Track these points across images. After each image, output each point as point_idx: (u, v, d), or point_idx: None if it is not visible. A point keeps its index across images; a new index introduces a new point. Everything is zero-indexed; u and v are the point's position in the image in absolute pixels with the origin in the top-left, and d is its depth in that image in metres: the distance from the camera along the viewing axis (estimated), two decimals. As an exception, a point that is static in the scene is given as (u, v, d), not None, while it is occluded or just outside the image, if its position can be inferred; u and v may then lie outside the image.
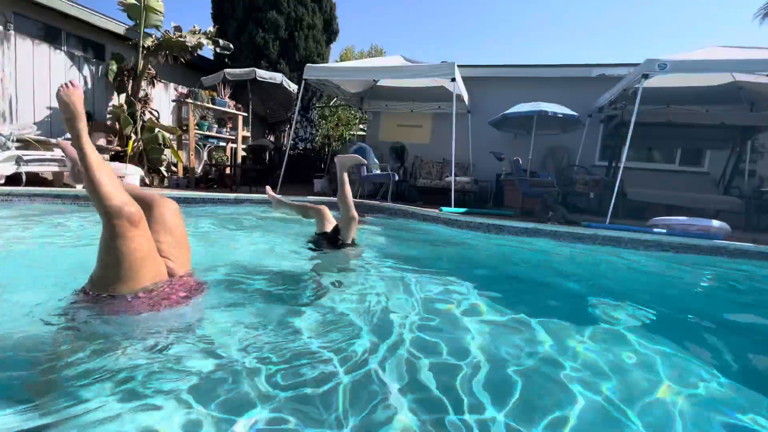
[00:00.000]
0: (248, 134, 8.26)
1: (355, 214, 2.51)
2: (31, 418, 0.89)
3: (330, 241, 2.61)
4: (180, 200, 4.83)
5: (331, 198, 5.35)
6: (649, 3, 62.42)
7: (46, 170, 5.05)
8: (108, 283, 1.27)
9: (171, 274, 1.44)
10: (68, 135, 1.38)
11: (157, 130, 6.40)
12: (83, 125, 1.34)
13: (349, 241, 2.65)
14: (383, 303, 1.85)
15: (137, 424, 0.91)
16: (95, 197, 1.23)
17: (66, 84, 1.34)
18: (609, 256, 3.64)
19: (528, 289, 2.55)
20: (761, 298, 2.75)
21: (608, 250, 3.76)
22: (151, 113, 6.66)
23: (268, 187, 3.06)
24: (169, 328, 1.32)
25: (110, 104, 6.95)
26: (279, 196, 2.99)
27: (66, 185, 5.08)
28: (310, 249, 2.69)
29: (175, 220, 1.57)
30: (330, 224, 2.68)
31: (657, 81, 5.96)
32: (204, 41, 6.76)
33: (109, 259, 1.25)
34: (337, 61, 15.06)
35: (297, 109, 7.06)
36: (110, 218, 1.21)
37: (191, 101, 6.62)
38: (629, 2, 63.11)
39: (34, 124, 6.01)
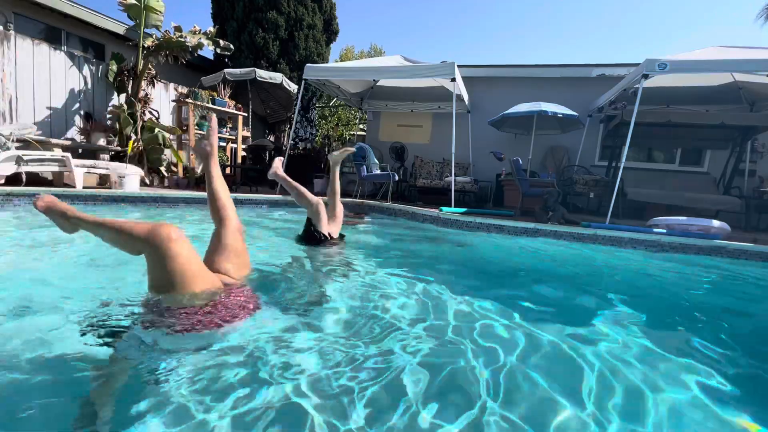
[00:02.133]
0: (248, 134, 8.26)
1: (341, 206, 2.60)
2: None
3: (317, 238, 2.63)
4: (180, 200, 4.86)
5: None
6: (649, 3, 62.39)
7: (46, 170, 5.04)
8: (167, 297, 1.29)
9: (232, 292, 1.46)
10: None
11: (157, 130, 6.39)
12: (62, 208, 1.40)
13: (336, 236, 2.66)
14: (382, 303, 1.85)
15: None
16: (123, 240, 1.25)
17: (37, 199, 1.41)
18: (608, 255, 3.64)
19: (527, 289, 2.55)
20: (760, 298, 2.75)
21: (608, 249, 3.77)
22: (151, 113, 6.66)
23: (277, 161, 2.93)
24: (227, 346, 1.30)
25: (110, 104, 6.95)
26: (285, 175, 2.91)
27: (66, 185, 5.08)
28: (305, 242, 2.72)
29: (240, 241, 1.65)
30: (323, 220, 2.69)
31: (657, 81, 5.96)
32: (204, 41, 6.76)
33: (162, 279, 1.25)
34: (337, 61, 15.06)
35: (297, 109, 7.06)
36: (148, 244, 1.20)
37: (191, 101, 6.62)
38: (629, 2, 63.08)
39: (34, 124, 6.00)
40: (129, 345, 1.24)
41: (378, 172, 6.78)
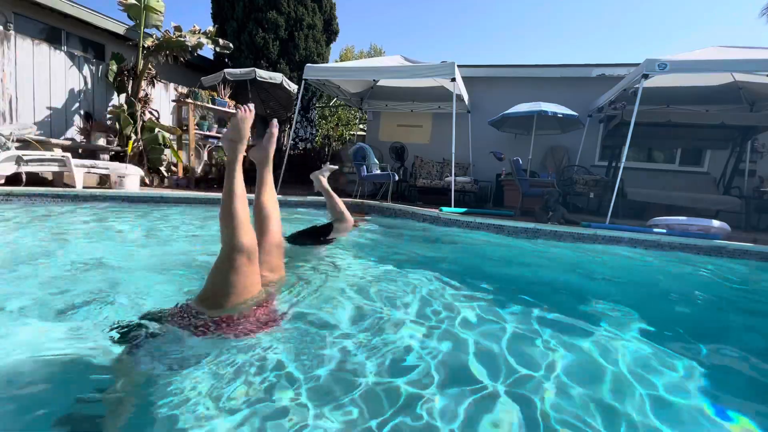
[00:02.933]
0: (248, 134, 8.25)
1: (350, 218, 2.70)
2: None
3: (318, 241, 2.66)
4: (180, 200, 4.86)
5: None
6: (649, 3, 62.37)
7: (46, 170, 5.04)
8: (214, 305, 1.28)
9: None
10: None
11: (157, 130, 6.40)
12: (243, 151, 1.37)
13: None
14: (381, 303, 1.85)
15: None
16: (227, 226, 1.24)
17: (246, 107, 1.38)
18: (608, 255, 3.64)
19: (527, 289, 2.55)
20: (761, 298, 2.75)
21: (607, 249, 3.77)
22: (151, 113, 6.66)
23: (327, 170, 2.97)
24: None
25: (110, 104, 6.95)
26: (328, 187, 2.95)
27: (66, 185, 5.08)
28: (307, 240, 2.73)
29: (279, 257, 1.61)
30: (341, 235, 2.77)
31: (657, 81, 5.96)
32: (204, 41, 6.76)
33: (222, 287, 1.26)
34: (337, 61, 15.06)
35: (297, 109, 7.06)
36: (232, 251, 1.22)
37: (191, 101, 6.62)
38: (629, 2, 63.06)
39: (34, 124, 6.00)
40: (152, 345, 1.23)
41: (378, 172, 6.78)
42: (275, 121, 1.73)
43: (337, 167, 3.06)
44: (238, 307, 1.28)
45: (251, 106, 1.42)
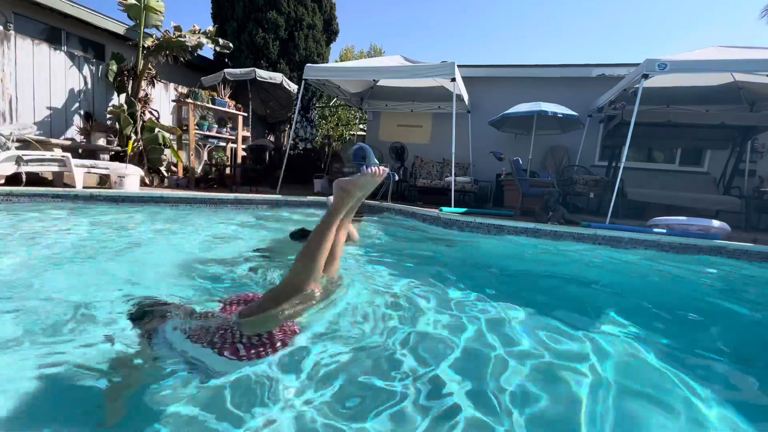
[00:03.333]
0: (248, 134, 8.25)
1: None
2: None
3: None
4: (180, 200, 4.86)
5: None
6: (649, 3, 62.36)
7: (46, 170, 5.04)
8: (252, 315, 1.30)
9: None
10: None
11: (157, 130, 6.39)
12: (349, 205, 1.41)
13: None
14: (380, 303, 1.85)
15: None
16: (303, 269, 1.30)
17: (381, 169, 1.41)
18: (609, 256, 3.64)
19: (527, 289, 2.55)
20: (760, 298, 2.75)
21: (608, 250, 3.76)
22: (151, 113, 6.65)
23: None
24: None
25: (110, 104, 6.94)
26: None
27: (66, 185, 5.08)
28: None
29: (330, 292, 1.64)
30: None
31: (657, 81, 5.96)
32: (204, 40, 6.75)
33: (269, 312, 1.30)
34: (337, 61, 15.05)
35: (297, 109, 7.05)
36: (296, 291, 1.30)
37: (191, 101, 6.61)
38: (629, 2, 63.05)
39: (34, 124, 6.00)
40: (162, 342, 1.23)
41: (378, 172, 6.77)
42: (388, 172, 1.55)
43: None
44: (273, 326, 1.31)
45: (386, 169, 1.42)
